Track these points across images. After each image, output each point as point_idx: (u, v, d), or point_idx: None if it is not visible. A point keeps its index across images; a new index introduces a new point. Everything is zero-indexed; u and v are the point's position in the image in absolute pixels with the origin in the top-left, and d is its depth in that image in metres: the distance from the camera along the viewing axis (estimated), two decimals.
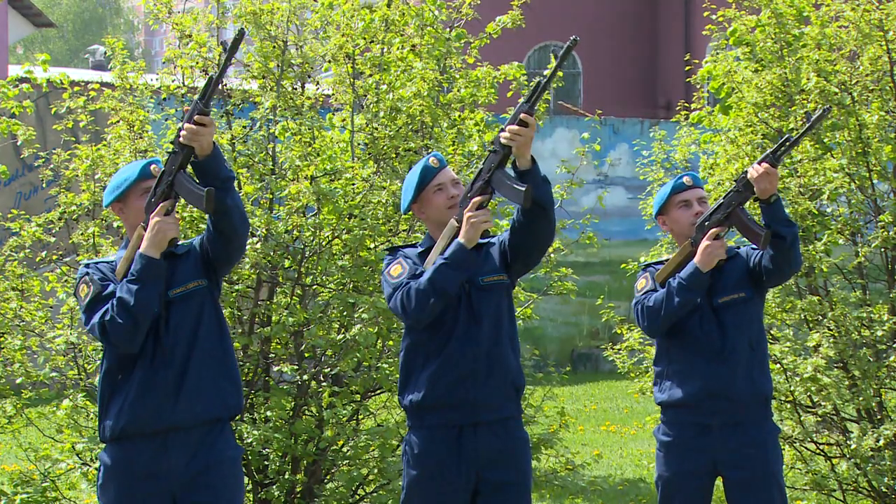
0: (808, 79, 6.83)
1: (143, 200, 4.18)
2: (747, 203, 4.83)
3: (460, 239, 4.30)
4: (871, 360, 6.66)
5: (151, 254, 4.06)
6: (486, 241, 4.50)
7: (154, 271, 4.06)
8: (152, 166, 4.24)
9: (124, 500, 4.14)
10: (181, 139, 4.01)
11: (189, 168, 4.09)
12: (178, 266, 4.19)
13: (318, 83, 6.73)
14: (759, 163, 4.65)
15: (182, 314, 4.15)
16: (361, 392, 6.32)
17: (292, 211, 6.13)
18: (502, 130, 4.28)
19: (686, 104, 8.16)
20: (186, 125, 3.98)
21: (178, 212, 4.23)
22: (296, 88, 6.49)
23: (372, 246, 6.21)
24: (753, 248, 4.84)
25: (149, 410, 4.10)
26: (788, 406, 6.89)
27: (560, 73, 7.25)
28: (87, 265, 4.25)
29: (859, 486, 6.83)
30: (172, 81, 6.54)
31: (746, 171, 4.70)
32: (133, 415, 4.10)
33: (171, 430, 4.11)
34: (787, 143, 4.68)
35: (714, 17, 7.69)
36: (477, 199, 4.33)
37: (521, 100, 4.31)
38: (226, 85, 6.53)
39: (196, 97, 4.03)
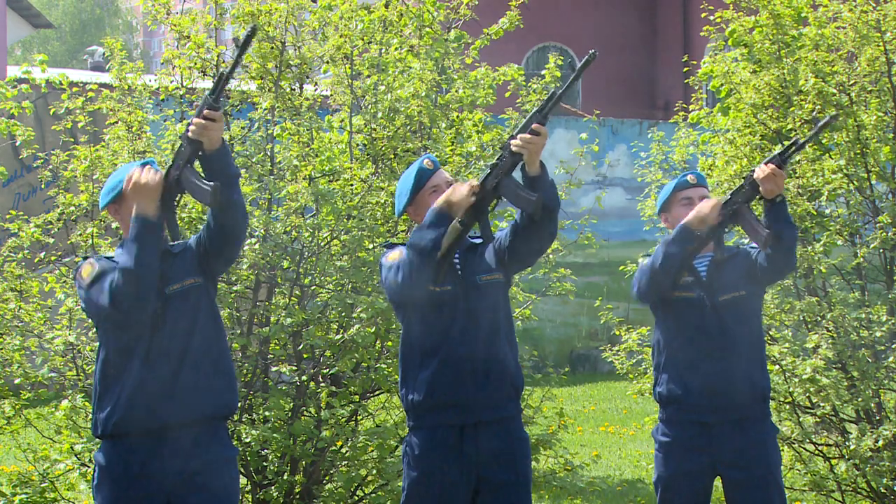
0: (805, 80, 6.84)
1: None
2: (753, 200, 4.84)
3: (438, 201, 4.34)
4: (870, 360, 6.66)
5: (147, 213, 4.02)
6: (478, 240, 4.52)
7: (150, 230, 4.01)
8: (146, 167, 4.24)
9: (119, 501, 4.13)
10: (190, 134, 4.01)
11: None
12: (175, 263, 4.18)
13: (316, 84, 6.74)
14: (767, 163, 4.66)
15: (178, 311, 4.14)
16: (360, 393, 6.32)
17: (291, 211, 6.13)
18: (512, 138, 4.31)
19: (685, 105, 8.17)
20: (195, 120, 3.98)
21: (177, 213, 4.23)
22: (294, 89, 6.49)
23: (370, 247, 6.21)
24: (753, 247, 4.85)
25: (143, 407, 4.08)
26: (787, 407, 6.90)
27: (558, 74, 7.29)
28: (87, 256, 4.27)
29: (858, 486, 6.83)
30: (171, 82, 6.55)
31: (754, 171, 4.72)
32: (127, 411, 4.08)
33: (166, 429, 4.10)
34: (795, 146, 4.70)
35: (712, 18, 7.69)
36: (474, 184, 4.34)
37: (534, 108, 4.32)
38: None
39: (206, 93, 4.03)
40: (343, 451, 6.32)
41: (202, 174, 4.07)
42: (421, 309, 4.45)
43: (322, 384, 6.26)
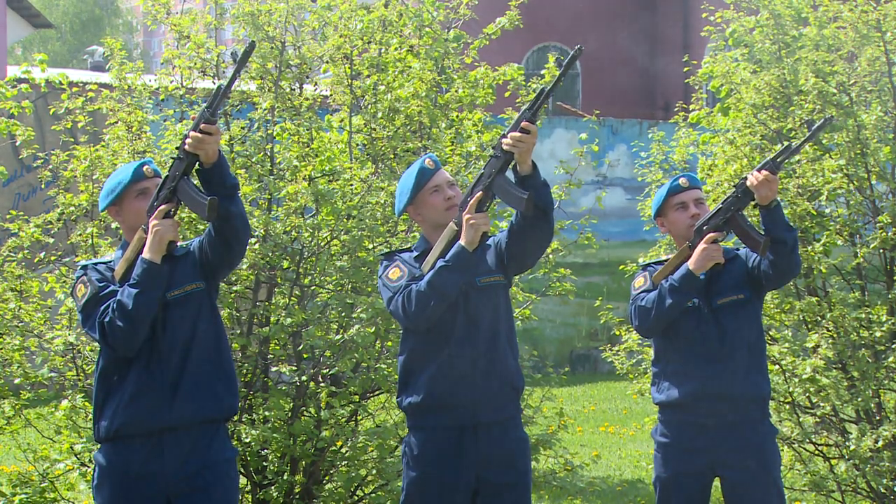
0: (806, 80, 6.84)
1: (138, 202, 4.19)
2: (746, 207, 4.82)
3: (462, 242, 4.30)
4: (870, 360, 6.66)
5: (152, 258, 4.07)
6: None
7: (154, 276, 4.06)
8: (145, 167, 4.25)
9: (118, 501, 4.14)
10: (186, 147, 4.02)
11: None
12: (177, 268, 4.20)
13: (316, 84, 6.74)
14: (759, 170, 4.65)
15: (179, 316, 4.16)
16: (360, 393, 6.32)
17: (290, 211, 6.12)
18: (503, 136, 4.28)
19: (685, 105, 8.16)
20: (192, 133, 3.99)
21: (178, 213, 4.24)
22: (294, 89, 6.49)
23: (370, 247, 6.21)
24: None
25: (144, 411, 4.10)
26: (787, 407, 6.89)
27: (558, 73, 7.28)
28: (84, 266, 4.26)
29: (858, 486, 6.83)
30: (171, 82, 6.55)
31: (745, 178, 4.70)
32: (128, 415, 4.10)
33: (167, 431, 4.12)
34: (788, 151, 4.68)
35: (712, 18, 7.69)
36: (475, 200, 4.32)
37: (524, 106, 4.30)
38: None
39: (204, 106, 4.03)
40: (343, 451, 6.32)
41: (200, 186, 4.09)
42: None
43: (322, 384, 6.26)
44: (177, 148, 4.12)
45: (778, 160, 4.65)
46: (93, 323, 4.09)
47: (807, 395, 6.80)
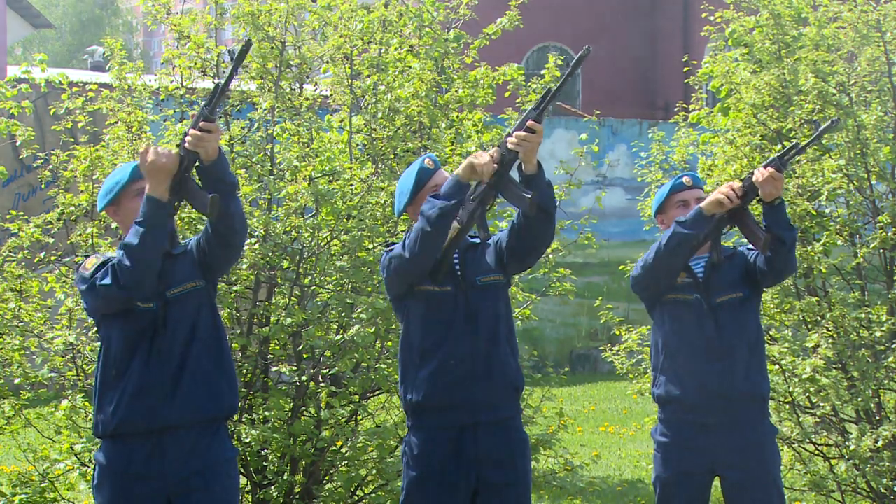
0: (806, 80, 6.84)
1: (136, 201, 4.18)
2: (750, 203, 4.83)
3: (456, 171, 4.29)
4: (870, 360, 6.66)
5: (156, 194, 4.02)
6: (476, 240, 4.51)
7: (159, 213, 4.02)
8: None
9: (119, 501, 4.14)
10: (186, 145, 4.02)
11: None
12: (176, 266, 4.20)
13: (316, 84, 6.74)
14: (766, 167, 4.66)
15: (179, 314, 4.16)
16: (360, 393, 6.32)
17: (290, 212, 6.12)
18: (509, 135, 4.28)
19: (685, 105, 8.16)
20: (192, 131, 3.99)
21: (177, 213, 4.23)
22: (294, 89, 6.49)
23: (370, 247, 6.21)
24: (750, 248, 4.86)
25: (144, 409, 4.10)
26: (787, 407, 6.90)
27: (558, 74, 7.28)
28: (88, 255, 4.28)
29: (858, 486, 6.83)
30: (171, 82, 6.55)
31: (752, 173, 4.72)
32: (129, 412, 4.10)
33: (167, 430, 4.11)
34: (795, 150, 4.69)
35: (712, 18, 7.69)
36: (493, 152, 4.30)
37: (530, 105, 4.30)
38: None
39: (203, 104, 4.03)
40: (343, 451, 6.32)
41: (200, 184, 4.08)
42: (420, 309, 4.44)
43: (322, 384, 6.26)
44: (177, 146, 4.12)
45: (785, 158, 4.68)
46: (105, 273, 4.04)
47: (807, 395, 6.80)
